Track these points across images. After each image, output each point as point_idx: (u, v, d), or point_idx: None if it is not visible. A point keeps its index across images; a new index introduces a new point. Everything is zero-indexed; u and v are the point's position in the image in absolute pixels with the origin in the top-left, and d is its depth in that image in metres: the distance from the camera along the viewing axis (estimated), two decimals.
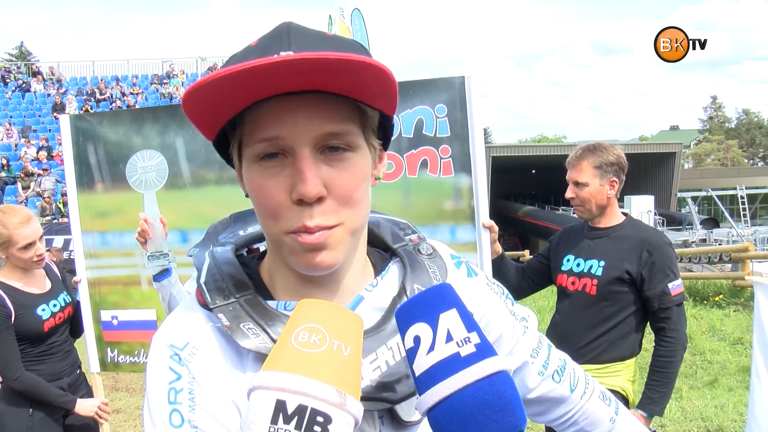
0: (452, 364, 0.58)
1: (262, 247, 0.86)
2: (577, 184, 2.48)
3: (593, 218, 2.54)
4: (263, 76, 0.60)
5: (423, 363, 0.60)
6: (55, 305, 2.63)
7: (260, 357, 0.69)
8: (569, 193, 2.52)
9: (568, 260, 2.60)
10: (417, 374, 0.60)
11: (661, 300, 2.39)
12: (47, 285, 2.66)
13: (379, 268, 0.82)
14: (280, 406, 0.53)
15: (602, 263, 2.47)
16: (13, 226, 2.47)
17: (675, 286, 2.38)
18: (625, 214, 2.60)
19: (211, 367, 0.70)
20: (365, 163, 0.70)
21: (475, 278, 0.88)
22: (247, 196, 0.73)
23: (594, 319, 2.48)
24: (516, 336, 0.88)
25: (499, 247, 2.65)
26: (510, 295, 0.93)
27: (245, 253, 0.85)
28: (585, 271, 2.52)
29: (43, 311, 2.57)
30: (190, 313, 0.75)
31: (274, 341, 0.68)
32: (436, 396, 0.58)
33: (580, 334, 2.48)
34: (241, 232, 0.87)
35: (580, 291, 2.53)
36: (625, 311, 2.47)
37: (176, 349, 0.71)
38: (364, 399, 0.68)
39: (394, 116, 0.75)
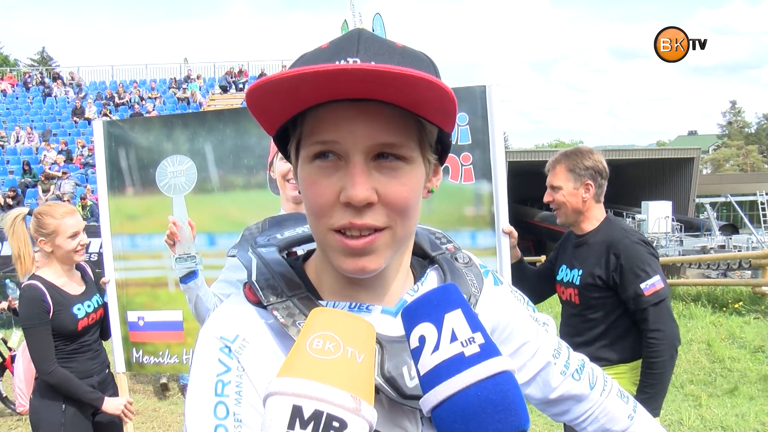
0: (456, 364, 0.58)
1: (299, 251, 0.88)
2: (553, 188, 2.51)
3: (571, 223, 2.56)
4: (325, 81, 0.62)
5: (427, 362, 0.60)
6: (89, 306, 2.73)
7: None
8: (547, 197, 2.55)
9: (562, 270, 2.63)
10: (422, 373, 0.61)
11: (636, 301, 2.35)
12: (83, 286, 2.76)
13: (418, 274, 0.85)
14: (297, 411, 0.53)
15: (580, 272, 2.49)
16: (60, 216, 2.60)
17: (648, 286, 2.33)
18: (609, 215, 2.58)
19: (261, 360, 0.71)
20: (418, 175, 0.72)
21: (501, 287, 0.92)
22: (300, 192, 0.75)
23: (582, 327, 2.49)
24: (539, 339, 0.92)
25: (518, 252, 2.67)
26: (530, 302, 0.97)
27: (285, 256, 0.87)
28: (570, 280, 2.55)
29: (79, 310, 2.67)
30: (240, 308, 0.76)
31: None
32: (440, 395, 0.58)
33: (574, 341, 2.46)
34: (278, 236, 0.89)
35: (568, 300, 2.57)
36: (610, 316, 2.44)
37: (226, 341, 0.72)
38: (408, 397, 0.70)
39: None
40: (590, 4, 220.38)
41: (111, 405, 2.67)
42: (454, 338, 0.60)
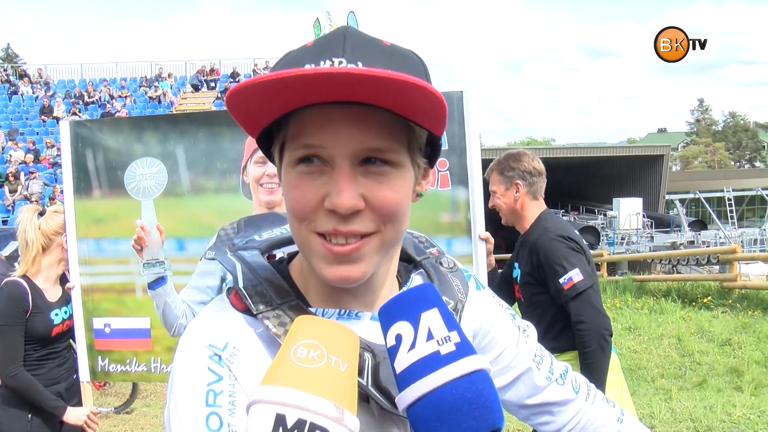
0: (432, 362, 0.59)
1: (279, 253, 0.85)
2: (492, 193, 2.64)
3: (512, 223, 2.67)
4: (309, 85, 0.60)
5: (404, 360, 0.60)
6: (66, 312, 2.71)
7: None
8: (489, 203, 2.65)
9: (515, 268, 2.71)
10: (398, 372, 0.61)
11: (558, 296, 2.43)
12: (60, 292, 2.74)
13: (404, 279, 0.83)
14: (280, 419, 0.53)
15: (519, 270, 2.60)
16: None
17: (566, 280, 2.39)
18: (543, 212, 2.64)
19: (252, 369, 0.68)
20: (406, 180, 0.69)
21: (483, 291, 0.91)
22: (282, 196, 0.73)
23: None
24: (520, 345, 0.91)
25: (492, 261, 2.69)
26: (510, 308, 0.96)
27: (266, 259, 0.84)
28: (516, 278, 2.65)
29: (56, 316, 2.65)
30: (227, 316, 0.72)
31: None
32: (415, 393, 0.58)
33: None
34: (257, 237, 0.85)
35: (519, 298, 2.67)
36: (549, 311, 2.51)
37: (216, 349, 0.68)
38: None
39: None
40: (561, 4, 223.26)
41: (73, 415, 2.61)
42: (430, 337, 0.60)
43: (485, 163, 2.53)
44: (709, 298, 8.82)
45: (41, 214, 2.72)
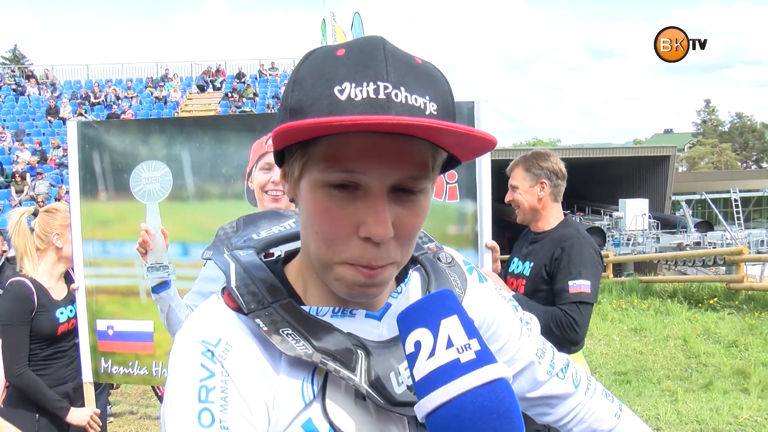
0: (452, 370, 0.58)
1: (276, 251, 0.85)
2: (512, 187, 2.64)
3: (529, 221, 2.66)
4: (373, 125, 0.59)
5: (423, 368, 0.60)
6: (71, 311, 2.72)
7: (294, 361, 0.69)
8: (507, 197, 2.66)
9: (513, 262, 2.71)
10: (417, 379, 0.60)
11: (560, 296, 2.40)
12: (65, 290, 2.74)
13: (401, 276, 0.83)
14: None
15: (531, 264, 2.58)
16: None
17: (576, 285, 2.37)
18: (566, 215, 2.68)
19: (245, 365, 0.68)
20: (427, 202, 0.70)
21: (486, 283, 0.91)
22: (291, 200, 0.72)
23: None
24: (522, 338, 0.91)
25: (498, 267, 2.69)
26: (514, 299, 0.97)
27: (263, 258, 0.83)
28: (521, 272, 2.63)
29: (61, 314, 2.65)
30: (220, 313, 0.73)
31: (315, 347, 0.68)
32: (435, 401, 0.58)
33: None
34: (255, 236, 0.86)
35: (515, 291, 2.64)
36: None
37: (209, 345, 0.68)
38: (397, 404, 0.69)
39: None
40: (565, 4, 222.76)
41: (76, 416, 2.61)
42: (450, 344, 0.60)
43: (493, 164, 2.52)
44: (716, 299, 8.79)
45: (35, 214, 2.73)
